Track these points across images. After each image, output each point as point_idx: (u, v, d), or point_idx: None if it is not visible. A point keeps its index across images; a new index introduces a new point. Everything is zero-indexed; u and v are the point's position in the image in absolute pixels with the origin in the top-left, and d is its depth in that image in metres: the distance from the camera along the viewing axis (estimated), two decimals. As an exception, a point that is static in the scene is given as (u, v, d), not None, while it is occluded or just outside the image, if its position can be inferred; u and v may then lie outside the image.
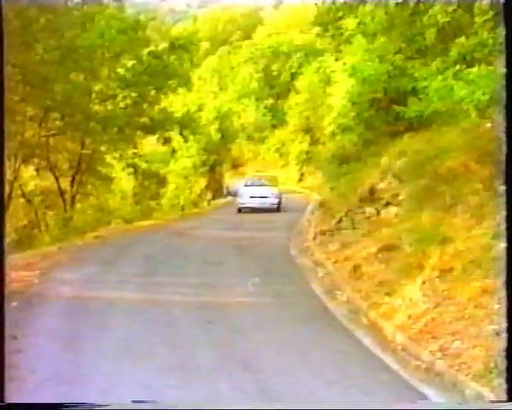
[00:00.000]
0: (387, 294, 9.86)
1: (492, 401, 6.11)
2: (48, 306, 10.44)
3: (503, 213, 5.75)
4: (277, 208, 29.00)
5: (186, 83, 31.07)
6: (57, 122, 24.97)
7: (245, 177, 36.85)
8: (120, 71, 26.32)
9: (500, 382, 6.09)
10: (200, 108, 42.89)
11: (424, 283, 9.23)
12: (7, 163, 21.86)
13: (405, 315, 8.74)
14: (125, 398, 6.44)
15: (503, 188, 5.71)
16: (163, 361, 7.68)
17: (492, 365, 6.53)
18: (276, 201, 29.37)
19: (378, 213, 14.62)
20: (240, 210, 29.14)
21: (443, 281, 9.01)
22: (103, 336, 8.78)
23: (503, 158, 5.52)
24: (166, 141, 32.75)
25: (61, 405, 5.45)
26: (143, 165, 31.09)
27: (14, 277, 11.41)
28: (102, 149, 26.94)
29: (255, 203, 28.85)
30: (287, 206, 29.89)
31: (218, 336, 8.85)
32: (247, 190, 30.20)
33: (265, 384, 6.92)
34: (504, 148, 5.49)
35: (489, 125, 11.62)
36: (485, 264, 8.44)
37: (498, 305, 6.85)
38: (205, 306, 10.48)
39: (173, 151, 36.93)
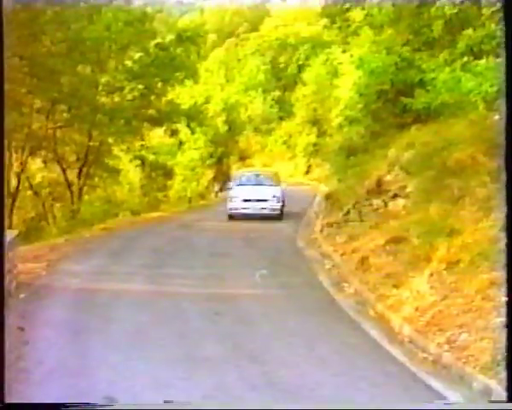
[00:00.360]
0: (395, 286, 9.85)
1: (492, 401, 6.09)
2: (55, 298, 10.46)
3: (506, 207, 5.74)
4: (279, 215, 22.35)
5: (193, 75, 31.14)
6: (64, 114, 25.05)
7: (239, 172, 29.89)
8: (127, 63, 26.34)
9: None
10: (207, 100, 42.92)
11: (432, 275, 9.21)
12: (14, 155, 22.07)
13: (413, 307, 8.73)
14: (132, 389, 6.46)
15: (505, 180, 5.70)
16: (170, 353, 7.68)
17: (500, 357, 6.51)
18: (279, 205, 22.50)
19: (385, 205, 14.57)
20: (231, 216, 22.49)
21: (450, 273, 8.99)
22: (110, 327, 8.79)
23: (505, 152, 5.51)
24: (174, 133, 32.78)
25: (62, 405, 5.43)
26: (151, 157, 31.20)
27: (21, 269, 11.44)
28: (110, 141, 27.02)
29: (250, 209, 22.37)
30: (291, 211, 23.35)
31: (225, 328, 8.86)
32: (240, 190, 23.06)
33: (272, 376, 6.92)
34: (505, 145, 5.47)
35: (497, 117, 11.56)
36: (492, 256, 8.40)
37: (506, 297, 6.83)
38: (212, 297, 10.49)
39: (180, 143, 36.93)
